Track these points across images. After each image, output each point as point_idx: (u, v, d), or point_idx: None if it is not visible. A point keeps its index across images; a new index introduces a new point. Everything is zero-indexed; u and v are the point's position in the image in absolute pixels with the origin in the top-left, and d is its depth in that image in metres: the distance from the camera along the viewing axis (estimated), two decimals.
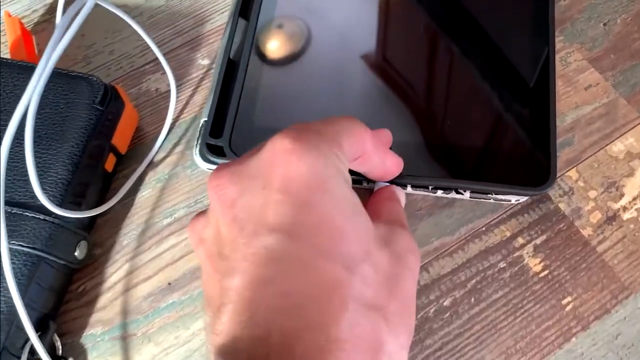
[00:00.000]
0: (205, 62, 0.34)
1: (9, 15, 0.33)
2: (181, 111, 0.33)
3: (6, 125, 0.24)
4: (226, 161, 0.28)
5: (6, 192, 0.27)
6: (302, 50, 0.32)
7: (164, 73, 0.33)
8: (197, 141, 0.29)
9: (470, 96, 0.30)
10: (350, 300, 0.18)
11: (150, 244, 0.30)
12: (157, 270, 0.29)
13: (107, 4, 0.28)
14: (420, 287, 0.28)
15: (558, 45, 0.33)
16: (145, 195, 0.31)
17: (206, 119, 0.29)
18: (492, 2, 0.33)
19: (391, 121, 0.29)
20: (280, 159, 0.19)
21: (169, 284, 0.29)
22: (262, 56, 0.31)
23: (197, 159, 0.29)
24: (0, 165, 0.24)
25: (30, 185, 0.25)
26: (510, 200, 0.29)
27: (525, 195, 0.28)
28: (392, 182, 0.26)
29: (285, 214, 0.18)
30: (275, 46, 0.31)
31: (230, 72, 0.30)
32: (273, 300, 0.18)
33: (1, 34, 0.35)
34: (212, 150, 0.28)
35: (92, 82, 0.29)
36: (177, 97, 0.32)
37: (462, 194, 0.28)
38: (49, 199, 0.26)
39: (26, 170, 0.25)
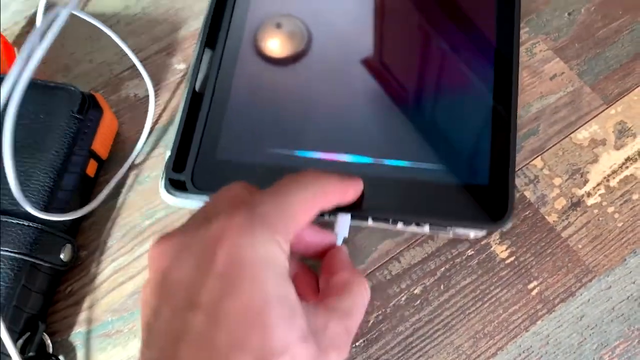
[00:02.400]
0: (182, 66, 0.35)
1: None
2: (160, 115, 0.34)
3: None
4: (188, 199, 0.29)
5: None
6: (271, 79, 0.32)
7: (142, 79, 0.34)
8: (162, 175, 0.30)
9: (431, 132, 0.30)
10: None
11: (132, 244, 0.31)
12: (140, 269, 0.31)
13: (82, 13, 0.29)
14: (392, 276, 0.30)
15: (524, 37, 0.34)
16: (127, 198, 0.32)
17: (170, 152, 0.30)
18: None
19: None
20: (225, 240, 0.19)
21: None
22: (228, 87, 0.32)
23: (163, 192, 0.30)
24: None
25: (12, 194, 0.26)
26: (469, 235, 0.29)
27: (482, 229, 0.29)
28: (353, 214, 0.27)
29: (214, 295, 0.19)
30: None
31: (195, 104, 0.31)
32: None
33: None
34: (174, 184, 0.29)
35: (71, 91, 0.30)
36: (155, 102, 0.33)
37: (421, 226, 0.29)
38: (32, 205, 0.27)
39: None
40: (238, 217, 0.20)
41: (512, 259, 0.29)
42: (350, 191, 0.24)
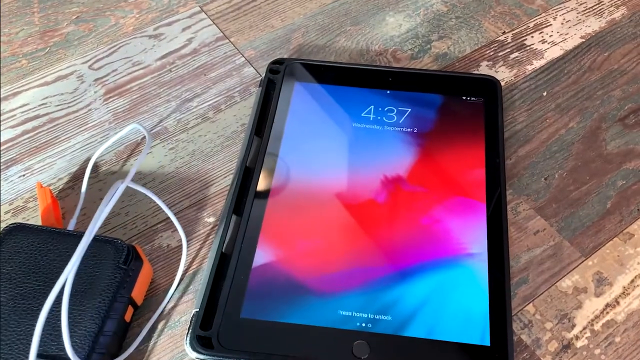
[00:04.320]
0: (211, 219, 0.39)
1: (41, 186, 0.38)
2: (190, 264, 0.37)
3: (41, 286, 0.29)
4: (213, 354, 0.32)
5: (40, 345, 0.30)
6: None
7: (175, 231, 0.38)
8: (188, 331, 0.33)
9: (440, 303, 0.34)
10: None
11: None
12: None
13: (133, 185, 0.34)
14: None
15: (508, 197, 0.40)
16: (158, 341, 0.35)
17: (197, 310, 0.34)
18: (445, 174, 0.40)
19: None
20: None
21: None
22: (252, 250, 0.36)
23: (187, 348, 0.33)
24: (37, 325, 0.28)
25: (61, 339, 0.29)
26: None
27: None
28: None
29: None
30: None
31: (222, 265, 0.35)
32: None
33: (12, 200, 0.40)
34: (201, 341, 0.32)
35: (117, 245, 0.34)
36: (187, 252, 0.37)
37: None
38: (78, 352, 0.30)
39: (58, 325, 0.29)
40: None
41: None
42: None
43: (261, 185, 0.39)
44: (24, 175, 0.41)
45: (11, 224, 0.34)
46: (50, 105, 0.45)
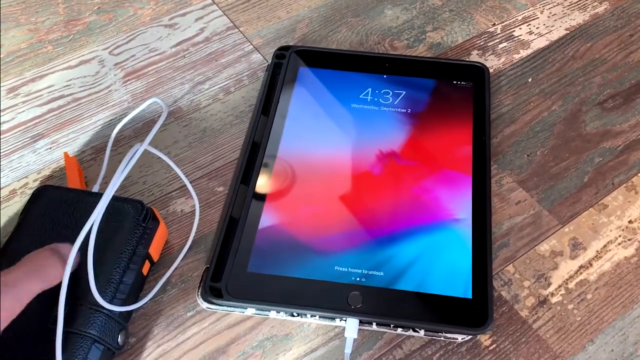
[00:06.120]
0: (221, 188, 0.43)
1: (68, 156, 0.42)
2: (201, 227, 0.41)
3: (69, 237, 0.33)
4: (223, 303, 0.36)
5: (72, 289, 0.34)
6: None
7: (188, 197, 0.42)
8: (200, 284, 0.38)
9: (427, 259, 0.38)
10: None
11: (176, 332, 0.37)
12: (181, 354, 0.36)
13: (151, 149, 0.37)
14: None
15: (493, 172, 0.43)
16: (172, 293, 0.38)
17: (208, 266, 0.38)
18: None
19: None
20: None
21: None
22: (258, 214, 0.40)
23: (199, 299, 0.37)
24: (65, 271, 0.32)
25: (86, 285, 0.33)
26: (457, 339, 0.36)
27: (468, 334, 0.36)
28: (360, 320, 0.35)
29: None
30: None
31: (231, 226, 0.39)
32: None
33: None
34: (212, 292, 0.36)
35: (137, 205, 0.37)
36: (199, 217, 0.41)
37: (417, 332, 0.35)
38: (102, 296, 0.33)
39: (86, 273, 0.32)
40: None
41: (494, 346, 0.36)
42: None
43: (267, 158, 0.42)
44: (50, 148, 0.45)
45: (42, 185, 0.38)
46: (73, 86, 0.49)
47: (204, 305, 0.37)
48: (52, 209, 0.37)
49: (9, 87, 0.49)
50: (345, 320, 0.35)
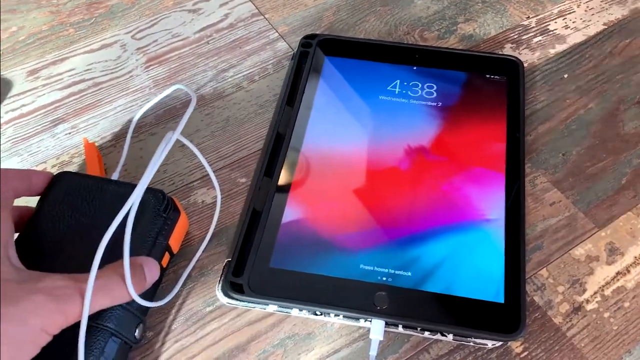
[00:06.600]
0: (243, 180, 0.41)
1: (87, 142, 0.41)
2: (222, 219, 0.40)
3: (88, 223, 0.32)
4: (244, 299, 0.35)
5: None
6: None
7: (209, 188, 0.41)
8: (220, 278, 0.36)
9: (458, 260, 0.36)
10: None
11: (195, 327, 0.36)
12: (200, 350, 0.35)
13: (182, 138, 0.36)
14: None
15: (527, 171, 0.41)
16: (191, 287, 0.37)
17: (229, 259, 0.36)
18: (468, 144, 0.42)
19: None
20: None
21: None
22: (282, 208, 0.38)
23: (219, 294, 0.36)
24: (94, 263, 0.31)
25: None
26: (487, 345, 0.34)
27: (499, 340, 0.34)
28: (387, 322, 0.34)
29: None
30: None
31: (254, 220, 0.38)
32: None
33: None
34: (233, 287, 0.35)
35: (158, 194, 0.36)
36: (220, 208, 0.40)
37: (445, 336, 0.34)
38: None
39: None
40: None
41: (525, 353, 0.34)
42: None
43: (291, 150, 0.41)
44: (69, 133, 0.44)
45: (61, 171, 0.37)
46: (95, 70, 0.48)
47: (224, 300, 0.36)
48: (71, 196, 0.36)
49: (29, 70, 0.48)
50: (371, 321, 0.34)
